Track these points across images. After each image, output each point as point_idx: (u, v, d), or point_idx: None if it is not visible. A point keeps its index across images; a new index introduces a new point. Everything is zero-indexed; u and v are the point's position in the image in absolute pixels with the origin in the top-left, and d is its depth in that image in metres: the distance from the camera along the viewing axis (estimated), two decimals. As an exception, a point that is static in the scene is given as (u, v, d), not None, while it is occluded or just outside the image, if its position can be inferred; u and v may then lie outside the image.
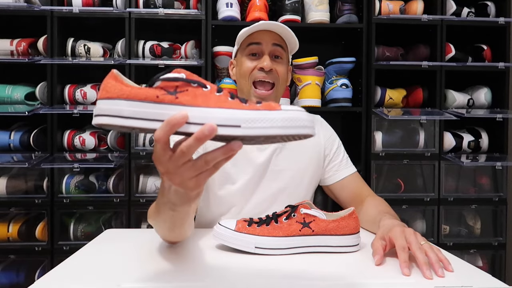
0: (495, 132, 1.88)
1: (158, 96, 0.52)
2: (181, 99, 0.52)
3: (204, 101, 0.52)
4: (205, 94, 0.53)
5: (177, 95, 0.52)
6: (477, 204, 1.87)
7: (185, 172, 0.53)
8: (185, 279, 0.68)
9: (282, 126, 0.50)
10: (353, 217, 0.80)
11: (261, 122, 0.49)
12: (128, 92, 0.53)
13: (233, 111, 0.50)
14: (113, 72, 0.56)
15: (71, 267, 0.73)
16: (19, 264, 1.77)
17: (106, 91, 0.55)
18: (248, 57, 1.07)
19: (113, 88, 0.54)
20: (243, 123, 0.49)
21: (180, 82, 0.53)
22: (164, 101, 0.52)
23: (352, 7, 1.81)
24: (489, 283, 0.65)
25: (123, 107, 0.53)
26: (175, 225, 0.72)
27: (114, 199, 1.76)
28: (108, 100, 0.54)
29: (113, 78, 0.56)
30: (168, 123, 0.50)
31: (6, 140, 1.75)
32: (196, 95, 0.52)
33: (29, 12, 1.72)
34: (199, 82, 0.54)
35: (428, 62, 1.80)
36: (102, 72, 2.03)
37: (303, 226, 0.78)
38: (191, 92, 0.53)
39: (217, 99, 0.52)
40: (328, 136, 1.17)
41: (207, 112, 0.50)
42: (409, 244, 0.73)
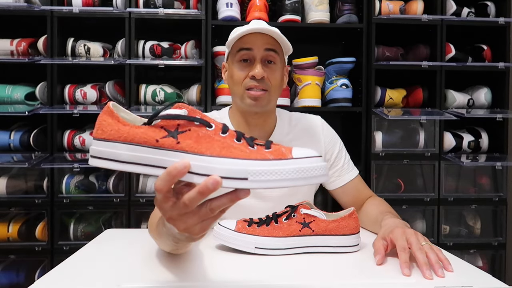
0: (495, 132, 1.88)
1: (157, 140, 0.49)
2: (183, 144, 0.48)
3: (208, 146, 0.48)
4: (209, 136, 0.49)
5: (179, 137, 0.49)
6: (477, 204, 1.87)
7: (189, 220, 0.50)
8: (185, 279, 0.68)
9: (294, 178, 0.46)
10: (353, 217, 0.80)
11: (270, 175, 0.45)
12: (126, 134, 0.50)
13: (239, 162, 0.46)
14: (109, 106, 0.52)
15: (71, 267, 0.73)
16: (19, 264, 1.77)
17: (102, 130, 0.51)
18: (239, 64, 1.00)
19: (110, 127, 0.51)
20: (250, 176, 0.45)
21: (182, 120, 0.50)
22: (164, 146, 0.48)
23: (352, 7, 1.81)
24: (489, 283, 0.65)
25: (121, 151, 0.49)
26: (178, 250, 0.72)
27: (114, 199, 1.76)
28: (105, 142, 0.50)
29: (108, 114, 0.52)
30: (169, 174, 0.47)
31: (6, 140, 1.75)
32: (199, 137, 0.49)
33: (29, 12, 1.72)
34: (202, 120, 0.50)
35: (428, 62, 1.80)
36: (102, 72, 2.04)
37: (303, 226, 0.78)
38: (194, 133, 0.49)
39: (222, 143, 0.49)
40: (328, 140, 1.13)
41: (210, 162, 0.47)
42: (409, 245, 0.73)
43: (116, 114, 0.52)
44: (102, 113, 0.52)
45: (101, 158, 0.51)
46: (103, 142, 0.51)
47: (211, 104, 1.78)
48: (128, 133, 0.50)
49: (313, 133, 1.12)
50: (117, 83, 1.83)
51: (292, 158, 0.47)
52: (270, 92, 1.01)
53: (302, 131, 1.12)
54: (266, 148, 0.48)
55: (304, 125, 1.13)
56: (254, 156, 0.47)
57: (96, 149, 0.51)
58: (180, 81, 1.91)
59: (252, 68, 0.99)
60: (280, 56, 1.02)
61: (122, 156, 0.49)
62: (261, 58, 0.99)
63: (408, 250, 0.73)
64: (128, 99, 1.77)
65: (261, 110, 1.03)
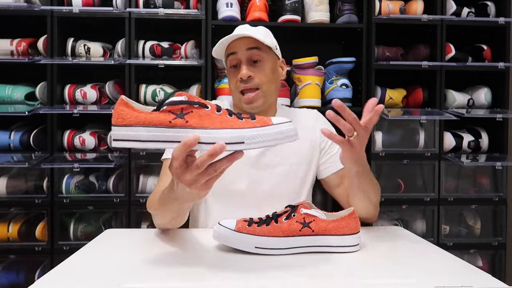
0: (495, 132, 1.88)
1: (170, 122, 0.62)
2: (191, 122, 0.62)
3: (210, 122, 0.62)
4: (208, 114, 0.63)
5: (185, 117, 0.62)
6: (477, 204, 1.87)
7: (199, 179, 0.64)
8: (185, 279, 0.68)
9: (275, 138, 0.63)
10: (353, 217, 0.80)
11: (259, 137, 0.62)
12: (143, 119, 0.62)
13: (236, 131, 0.62)
14: (123, 98, 0.64)
15: (71, 267, 0.73)
16: (19, 264, 1.77)
17: (122, 118, 0.63)
18: (231, 70, 1.10)
19: (129, 115, 0.63)
20: (246, 140, 0.61)
21: (184, 104, 0.63)
22: (177, 125, 0.62)
23: (352, 7, 1.81)
24: (489, 283, 0.65)
25: (141, 132, 0.62)
26: (179, 214, 0.85)
27: (114, 199, 1.76)
28: (126, 127, 0.63)
29: (124, 105, 0.64)
30: (184, 144, 0.60)
31: (6, 140, 1.75)
32: (201, 116, 0.63)
33: (29, 12, 1.72)
34: (200, 102, 0.64)
35: (428, 62, 1.80)
36: (102, 72, 2.04)
37: (303, 226, 0.78)
38: (196, 113, 0.63)
39: (220, 119, 0.63)
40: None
41: (215, 133, 0.61)
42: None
43: (131, 104, 0.64)
44: (118, 104, 0.64)
45: (124, 140, 0.63)
46: (125, 127, 0.63)
47: (211, 104, 1.78)
48: (145, 118, 0.62)
49: (309, 123, 1.18)
50: (117, 83, 1.83)
51: (272, 124, 0.63)
52: (263, 89, 1.07)
53: (299, 122, 1.18)
54: (252, 119, 0.64)
55: (300, 117, 1.20)
56: (245, 125, 0.62)
57: (118, 133, 0.63)
58: (180, 81, 1.91)
59: (240, 70, 1.06)
60: (266, 52, 1.08)
61: (142, 136, 0.62)
62: (246, 59, 1.06)
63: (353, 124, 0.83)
64: (128, 99, 1.77)
65: (259, 110, 1.10)
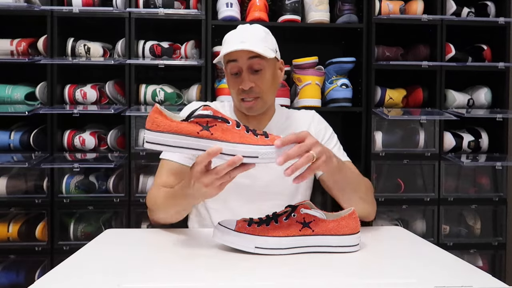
0: (495, 132, 1.88)
1: (198, 132, 0.73)
2: (215, 134, 0.73)
3: (231, 136, 0.74)
4: (229, 129, 0.74)
5: (211, 130, 0.73)
6: (477, 204, 1.87)
7: (215, 182, 0.76)
8: (185, 279, 0.68)
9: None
10: (353, 217, 0.80)
11: (270, 154, 0.73)
12: (175, 128, 0.73)
13: (253, 147, 0.73)
14: (157, 107, 0.74)
15: (71, 267, 0.73)
16: (19, 264, 1.77)
17: (156, 124, 0.73)
18: (231, 77, 1.08)
19: (162, 122, 0.73)
20: (260, 155, 0.73)
21: (209, 118, 0.74)
22: (203, 136, 0.73)
23: (352, 7, 1.81)
24: (489, 283, 0.65)
25: (172, 139, 0.73)
26: (185, 209, 0.96)
27: (114, 199, 1.76)
28: (159, 133, 0.73)
29: (158, 113, 0.74)
30: (209, 154, 0.73)
31: (6, 140, 1.75)
32: (224, 130, 0.74)
33: (29, 12, 1.72)
34: (222, 118, 0.75)
35: (428, 62, 1.80)
36: (102, 72, 2.04)
37: (303, 226, 0.78)
38: (219, 127, 0.74)
39: (239, 134, 0.74)
40: (319, 129, 1.18)
41: (235, 147, 0.73)
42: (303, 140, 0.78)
43: (164, 112, 0.74)
44: (153, 112, 0.74)
45: (157, 144, 0.73)
46: (158, 133, 0.73)
47: (211, 104, 1.78)
48: (176, 127, 0.73)
49: (305, 123, 1.19)
50: (117, 83, 1.83)
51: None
52: (262, 97, 1.09)
53: (295, 122, 1.19)
54: (266, 137, 0.75)
55: (297, 117, 1.22)
56: (260, 142, 0.74)
57: (152, 137, 0.74)
58: (180, 81, 1.91)
59: (241, 80, 1.06)
60: (266, 59, 1.06)
61: (173, 143, 0.73)
62: (247, 68, 1.05)
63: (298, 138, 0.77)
64: (128, 99, 1.77)
65: (257, 113, 1.12)
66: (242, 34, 1.07)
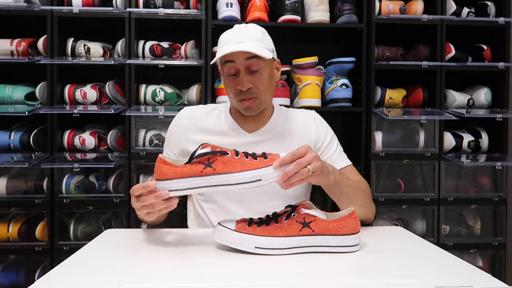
0: (495, 132, 1.88)
1: (202, 171, 0.77)
2: (217, 169, 0.77)
3: (232, 167, 0.77)
4: (229, 160, 0.78)
5: (213, 165, 0.77)
6: (477, 204, 1.87)
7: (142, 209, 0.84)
8: (185, 279, 0.68)
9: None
10: (353, 217, 0.80)
11: (272, 174, 0.77)
12: (180, 172, 0.77)
13: (254, 171, 0.77)
14: (160, 157, 0.80)
15: (71, 267, 0.73)
16: (19, 264, 1.77)
17: (163, 174, 0.78)
18: (228, 78, 1.08)
19: (168, 171, 0.78)
20: (262, 178, 0.77)
21: (209, 155, 0.77)
22: (207, 174, 0.77)
23: (352, 7, 1.81)
24: (489, 283, 0.65)
25: (180, 183, 0.77)
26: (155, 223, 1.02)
27: (114, 199, 1.76)
28: (167, 181, 0.78)
29: (162, 163, 0.79)
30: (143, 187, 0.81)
31: (6, 140, 1.75)
32: (224, 162, 0.77)
33: (29, 12, 1.72)
34: (221, 151, 0.78)
35: (428, 62, 1.80)
36: (102, 72, 2.04)
37: (303, 226, 0.78)
38: (220, 160, 0.77)
39: (239, 162, 0.78)
40: (320, 131, 1.17)
41: (238, 175, 0.77)
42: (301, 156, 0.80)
43: (168, 161, 0.79)
44: (158, 162, 0.79)
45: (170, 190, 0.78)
46: (166, 181, 0.78)
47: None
48: (181, 172, 0.77)
49: (306, 125, 1.17)
50: (117, 83, 1.83)
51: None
52: (260, 97, 1.08)
53: (296, 123, 1.17)
54: (265, 158, 0.79)
55: (297, 117, 1.20)
56: (260, 165, 0.77)
57: (162, 186, 0.79)
58: (180, 81, 1.91)
59: (238, 81, 1.05)
60: (264, 60, 1.06)
61: (182, 186, 0.78)
62: (245, 68, 1.05)
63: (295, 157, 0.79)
64: (128, 99, 1.77)
65: (255, 113, 1.11)
66: (239, 34, 1.06)
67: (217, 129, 1.13)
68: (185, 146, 1.13)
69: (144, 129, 1.79)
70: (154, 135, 1.77)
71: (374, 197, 1.80)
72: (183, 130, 1.14)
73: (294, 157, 0.79)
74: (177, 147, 1.15)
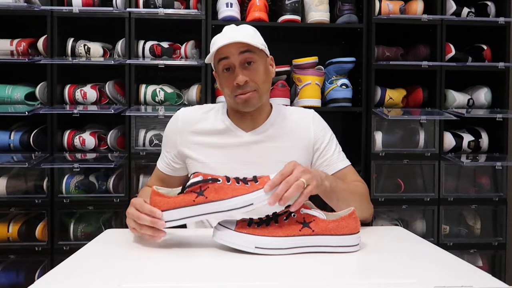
0: (495, 132, 1.88)
1: (194, 200, 0.78)
2: (209, 197, 0.78)
3: (224, 193, 0.78)
4: (221, 186, 0.78)
5: (205, 193, 0.78)
6: (477, 204, 1.87)
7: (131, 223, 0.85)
8: (185, 279, 0.68)
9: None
10: (353, 217, 0.80)
11: (263, 197, 0.78)
12: (173, 203, 0.79)
13: (245, 196, 0.77)
14: (154, 189, 0.81)
15: (71, 267, 0.73)
16: (19, 264, 1.77)
17: (157, 205, 0.80)
18: (223, 74, 1.08)
19: (161, 202, 0.80)
20: (254, 202, 0.77)
21: (200, 183, 0.78)
22: (200, 202, 0.78)
23: (352, 7, 1.81)
24: (489, 283, 0.65)
25: (174, 214, 0.79)
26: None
27: (114, 199, 1.76)
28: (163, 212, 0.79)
29: (156, 195, 0.81)
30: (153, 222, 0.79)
31: (6, 140, 1.75)
32: (216, 189, 0.78)
33: (29, 12, 1.72)
34: (212, 179, 0.79)
35: (428, 62, 1.80)
36: (102, 72, 2.04)
37: (303, 226, 0.78)
38: (212, 188, 0.78)
39: (231, 188, 0.78)
40: (318, 130, 1.16)
41: (230, 202, 0.77)
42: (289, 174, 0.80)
43: (161, 193, 0.81)
44: (152, 194, 0.81)
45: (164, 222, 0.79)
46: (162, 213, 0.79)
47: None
48: (174, 202, 0.79)
49: (304, 124, 1.16)
50: (117, 83, 1.83)
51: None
52: (259, 90, 1.08)
53: (294, 123, 1.16)
54: (255, 182, 0.80)
55: (296, 116, 1.18)
56: (251, 189, 0.78)
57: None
58: (180, 81, 1.91)
59: (234, 76, 1.05)
60: (257, 53, 1.07)
61: (176, 217, 0.79)
62: (240, 63, 1.05)
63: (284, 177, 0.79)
64: (128, 99, 1.77)
65: (253, 109, 1.10)
66: (230, 32, 1.07)
67: (214, 129, 1.13)
68: (181, 149, 1.13)
69: (144, 129, 1.79)
70: (154, 135, 1.77)
71: (374, 197, 1.81)
72: (178, 133, 1.14)
73: (283, 177, 0.79)
74: (174, 150, 1.15)
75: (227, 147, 1.12)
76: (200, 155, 1.12)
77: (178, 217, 0.79)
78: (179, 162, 1.16)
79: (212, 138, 1.12)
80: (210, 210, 0.77)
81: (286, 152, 1.11)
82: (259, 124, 1.13)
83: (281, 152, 1.11)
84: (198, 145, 1.12)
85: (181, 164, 1.16)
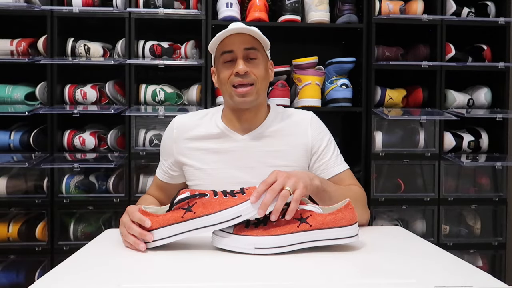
0: (495, 132, 1.88)
1: (182, 217, 0.78)
2: (197, 212, 0.77)
3: (211, 207, 0.77)
4: (208, 201, 0.78)
5: (193, 209, 0.78)
6: (477, 204, 1.87)
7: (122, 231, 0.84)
8: (185, 279, 0.68)
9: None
10: (350, 208, 0.80)
11: (251, 208, 0.77)
12: (161, 221, 0.79)
13: (233, 209, 0.77)
14: (141, 209, 0.81)
15: (71, 267, 0.73)
16: (19, 264, 1.77)
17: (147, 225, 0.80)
18: (224, 65, 1.07)
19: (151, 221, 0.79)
20: (242, 213, 0.77)
21: (188, 199, 0.78)
22: (188, 218, 0.78)
23: (352, 7, 1.81)
24: (489, 283, 0.65)
25: (163, 232, 0.79)
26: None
27: (114, 199, 1.76)
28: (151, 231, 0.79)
29: (145, 214, 0.80)
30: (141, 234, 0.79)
31: (6, 140, 1.75)
32: (204, 204, 0.78)
33: (29, 12, 1.72)
34: (199, 193, 0.79)
35: (428, 62, 1.80)
36: (102, 72, 2.04)
37: (300, 222, 0.78)
38: (200, 203, 0.78)
39: (218, 202, 0.78)
40: (316, 134, 1.14)
41: (217, 215, 0.77)
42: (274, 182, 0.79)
43: (149, 212, 0.81)
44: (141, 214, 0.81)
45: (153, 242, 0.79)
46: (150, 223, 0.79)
47: (211, 104, 1.78)
48: (163, 220, 0.79)
49: (301, 126, 1.15)
50: (117, 83, 1.83)
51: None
52: (257, 85, 1.07)
53: (291, 125, 1.15)
54: (243, 194, 0.79)
55: (294, 119, 1.17)
56: (238, 201, 0.78)
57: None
58: (180, 81, 1.91)
59: (235, 65, 1.05)
60: (261, 52, 1.08)
61: (165, 234, 0.79)
62: (243, 56, 1.05)
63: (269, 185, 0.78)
64: (128, 99, 1.77)
65: (250, 106, 1.09)
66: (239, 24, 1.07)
67: (209, 134, 1.12)
68: (178, 157, 1.14)
69: (144, 129, 1.79)
70: (154, 135, 1.77)
71: (374, 197, 1.81)
72: (174, 141, 1.14)
73: (267, 185, 0.78)
74: (171, 159, 1.15)
75: (223, 152, 1.11)
76: (196, 161, 1.12)
77: (168, 234, 0.78)
78: (176, 170, 1.16)
79: (207, 143, 1.12)
80: (199, 225, 0.77)
81: (284, 155, 1.11)
82: (256, 126, 1.12)
83: (278, 155, 1.11)
84: (193, 151, 1.12)
85: (178, 171, 1.16)
